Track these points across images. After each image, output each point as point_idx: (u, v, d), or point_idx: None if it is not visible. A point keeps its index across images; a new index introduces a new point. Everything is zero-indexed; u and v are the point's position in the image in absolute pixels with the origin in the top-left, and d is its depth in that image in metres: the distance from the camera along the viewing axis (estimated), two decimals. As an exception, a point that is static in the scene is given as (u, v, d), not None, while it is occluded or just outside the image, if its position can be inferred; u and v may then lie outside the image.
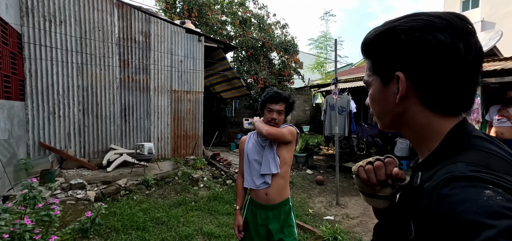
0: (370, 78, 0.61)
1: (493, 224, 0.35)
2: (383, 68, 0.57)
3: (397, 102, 0.56)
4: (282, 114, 1.77)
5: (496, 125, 4.05)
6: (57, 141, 5.18)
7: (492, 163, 0.44)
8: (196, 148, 6.88)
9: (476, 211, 0.37)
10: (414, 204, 0.50)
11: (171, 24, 6.48)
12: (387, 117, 0.60)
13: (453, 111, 0.54)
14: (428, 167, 0.53)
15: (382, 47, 0.56)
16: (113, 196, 4.08)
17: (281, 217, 1.76)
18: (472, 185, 0.40)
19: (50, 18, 5.02)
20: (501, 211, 0.36)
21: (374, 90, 0.60)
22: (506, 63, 4.61)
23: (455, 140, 0.52)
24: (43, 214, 2.30)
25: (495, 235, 0.34)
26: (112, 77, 5.76)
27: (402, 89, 0.54)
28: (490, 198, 0.38)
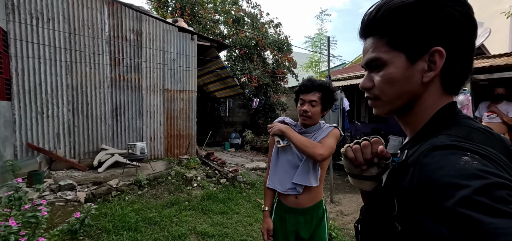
0: (387, 56, 0.53)
1: (468, 184, 0.35)
2: (415, 42, 0.51)
3: (425, 82, 0.52)
4: (316, 105, 1.47)
5: (486, 121, 4.12)
6: (45, 141, 5.04)
7: (473, 136, 0.45)
8: (190, 147, 6.81)
9: (453, 174, 0.37)
10: (398, 180, 0.50)
11: (163, 22, 6.39)
12: (401, 100, 0.54)
13: (457, 89, 0.54)
14: (414, 144, 0.52)
15: (416, 18, 0.50)
16: (104, 197, 3.99)
17: (314, 222, 1.52)
18: (451, 153, 0.41)
19: (37, 15, 4.88)
20: (476, 173, 0.36)
21: (396, 69, 0.52)
22: (494, 60, 4.70)
23: (442, 118, 0.52)
24: (29, 216, 2.23)
25: (470, 193, 0.34)
26: (102, 76, 5.64)
27: (439, 67, 0.50)
28: (466, 163, 0.38)
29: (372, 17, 0.55)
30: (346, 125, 6.37)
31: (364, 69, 0.60)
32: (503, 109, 4.01)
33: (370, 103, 0.60)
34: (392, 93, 0.54)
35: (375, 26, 0.55)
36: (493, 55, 5.50)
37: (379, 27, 0.54)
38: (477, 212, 0.33)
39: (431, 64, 0.50)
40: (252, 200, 4.35)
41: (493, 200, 0.33)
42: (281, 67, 10.55)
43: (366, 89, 0.58)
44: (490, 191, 0.34)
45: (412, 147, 0.52)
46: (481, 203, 0.33)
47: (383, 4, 0.53)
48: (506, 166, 0.40)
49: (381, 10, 0.53)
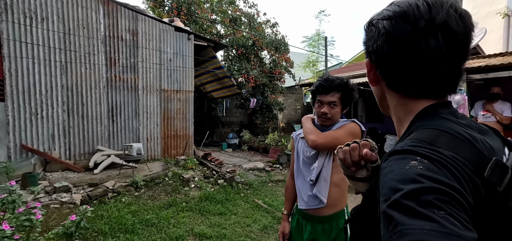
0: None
1: (402, 188, 0.38)
2: (366, 54, 0.61)
3: (374, 86, 0.62)
4: (336, 106, 1.38)
5: (482, 120, 4.16)
6: (40, 143, 4.97)
7: (439, 139, 0.45)
8: (187, 148, 6.77)
9: (396, 178, 0.40)
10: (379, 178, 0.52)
11: (159, 22, 6.35)
12: (378, 100, 0.64)
13: (424, 94, 0.54)
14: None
15: (365, 35, 0.60)
16: (100, 198, 3.95)
17: (332, 233, 1.36)
18: (403, 157, 0.43)
19: (31, 15, 4.81)
20: (414, 178, 0.38)
21: (368, 76, 0.62)
22: (490, 60, 4.74)
23: (418, 121, 0.52)
24: (23, 219, 2.18)
25: (399, 197, 0.37)
26: (98, 76, 5.58)
27: (372, 75, 0.60)
28: (411, 167, 0.40)
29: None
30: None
31: None
32: (498, 108, 4.05)
33: None
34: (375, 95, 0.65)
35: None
36: (488, 55, 5.55)
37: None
38: (400, 213, 0.36)
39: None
40: (250, 201, 4.33)
41: (417, 203, 0.35)
42: (278, 67, 10.54)
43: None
44: (418, 195, 0.36)
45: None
46: (405, 206, 0.36)
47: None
48: (461, 170, 0.40)
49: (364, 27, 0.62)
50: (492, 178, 0.41)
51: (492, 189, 0.41)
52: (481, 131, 0.50)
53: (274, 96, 10.45)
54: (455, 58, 0.50)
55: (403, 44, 0.49)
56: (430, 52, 0.48)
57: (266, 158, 7.33)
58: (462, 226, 0.34)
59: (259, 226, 3.42)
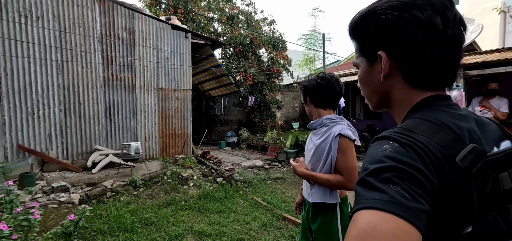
0: (358, 60, 0.63)
1: (368, 167, 0.44)
2: (368, 49, 0.59)
3: (381, 81, 0.58)
4: (308, 105, 1.58)
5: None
6: (37, 143, 4.93)
7: (419, 127, 0.49)
8: (185, 146, 6.75)
9: (368, 160, 0.46)
10: None
11: (156, 20, 6.30)
12: (375, 97, 0.63)
13: (432, 85, 0.56)
14: None
15: (366, 29, 0.58)
16: (99, 198, 3.93)
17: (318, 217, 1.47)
18: (379, 142, 0.48)
19: (26, 14, 4.76)
20: (380, 159, 0.44)
21: (362, 71, 0.63)
22: (486, 56, 4.78)
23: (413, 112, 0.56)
24: (21, 219, 2.17)
25: (365, 175, 0.43)
26: (95, 75, 5.54)
27: (385, 68, 0.57)
28: (382, 150, 0.45)
29: (350, 24, 0.62)
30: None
31: None
32: (495, 104, 4.07)
33: None
34: (366, 91, 0.64)
35: (351, 33, 0.63)
36: (485, 51, 5.59)
37: (352, 34, 0.63)
38: (362, 187, 0.42)
39: (381, 66, 0.57)
40: (249, 199, 4.34)
41: (376, 179, 0.41)
42: (276, 65, 10.53)
43: None
44: (379, 172, 0.42)
45: None
46: (367, 181, 0.42)
47: (356, 14, 0.61)
48: (430, 153, 0.44)
49: (353, 19, 0.61)
50: (463, 162, 0.44)
51: (464, 172, 0.44)
52: (478, 123, 0.53)
53: (272, 94, 10.45)
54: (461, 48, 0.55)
55: (434, 33, 0.51)
56: (451, 42, 0.52)
57: (264, 156, 7.34)
58: (412, 198, 0.39)
59: (258, 223, 3.42)
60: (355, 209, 0.41)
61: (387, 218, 0.37)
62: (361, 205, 0.40)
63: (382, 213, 0.37)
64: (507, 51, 4.82)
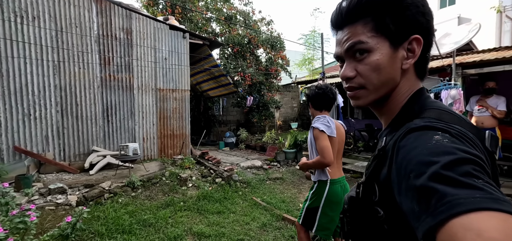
0: (372, 40, 0.53)
1: (438, 160, 0.38)
2: (398, 29, 0.52)
3: (404, 68, 0.54)
4: (310, 108, 2.10)
5: (477, 115, 4.20)
6: (33, 144, 4.88)
7: (444, 117, 0.48)
8: (184, 147, 6.72)
9: (426, 153, 0.40)
10: (378, 167, 0.53)
11: (154, 20, 6.27)
12: (385, 88, 0.56)
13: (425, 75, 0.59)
14: (392, 130, 0.55)
15: (401, 5, 0.52)
16: (97, 199, 3.89)
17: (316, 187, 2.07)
18: (424, 133, 0.44)
19: (22, 14, 4.71)
20: (446, 150, 0.39)
21: (382, 55, 0.53)
22: (484, 55, 4.80)
23: (415, 102, 0.55)
24: (17, 221, 2.14)
25: (439, 168, 0.37)
26: (92, 75, 5.49)
27: (417, 54, 0.54)
28: (437, 141, 0.41)
29: (357, 2, 0.54)
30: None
31: (340, 58, 0.60)
32: (493, 103, 4.09)
33: (351, 94, 0.59)
34: (378, 81, 0.54)
35: (362, 10, 0.54)
36: (483, 50, 5.62)
37: (366, 11, 0.53)
38: (444, 184, 0.35)
39: (408, 52, 0.54)
40: (249, 199, 4.32)
41: (458, 174, 0.36)
42: (274, 65, 10.52)
43: (348, 78, 0.57)
44: (456, 166, 0.37)
45: (391, 133, 0.54)
46: (447, 177, 0.36)
47: None
48: (475, 143, 0.44)
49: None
50: (492, 148, 0.46)
51: (492, 158, 0.46)
52: None
53: (271, 94, 10.43)
54: None
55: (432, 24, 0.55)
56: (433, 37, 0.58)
57: (263, 156, 7.32)
58: (497, 190, 0.35)
59: (258, 224, 3.41)
60: (458, 212, 0.32)
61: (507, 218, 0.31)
62: (463, 207, 0.32)
63: (502, 215, 0.31)
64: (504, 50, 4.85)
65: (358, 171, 5.76)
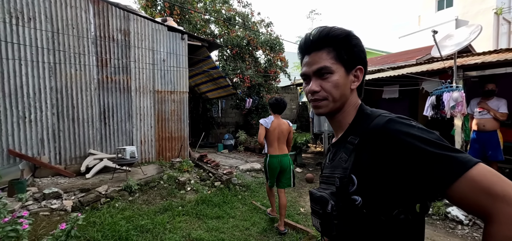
0: (334, 66, 0.73)
1: (433, 132, 0.61)
2: (350, 61, 0.74)
3: (352, 88, 0.77)
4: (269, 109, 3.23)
5: (478, 117, 4.17)
6: (28, 147, 4.78)
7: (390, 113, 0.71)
8: (182, 150, 6.64)
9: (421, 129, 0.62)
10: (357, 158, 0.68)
11: (152, 21, 6.20)
12: (340, 101, 0.76)
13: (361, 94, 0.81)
14: (354, 131, 0.73)
15: (349, 44, 0.74)
16: (93, 204, 3.80)
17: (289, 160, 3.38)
18: (405, 120, 0.65)
19: (17, 14, 4.62)
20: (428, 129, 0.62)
21: (340, 77, 0.74)
22: (485, 57, 4.77)
23: (363, 111, 0.76)
24: (9, 229, 2.05)
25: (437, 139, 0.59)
26: (89, 77, 5.41)
27: (360, 78, 0.77)
28: (417, 124, 0.63)
29: (324, 35, 0.74)
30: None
31: (306, 77, 0.79)
32: (494, 105, 4.06)
33: (315, 104, 0.77)
34: (337, 94, 0.74)
35: (326, 41, 0.74)
36: (483, 52, 5.60)
37: (329, 42, 0.74)
38: (451, 151, 0.57)
39: (355, 77, 0.77)
40: (248, 203, 4.24)
41: (448, 144, 0.59)
42: (273, 67, 10.48)
43: (314, 92, 0.75)
44: (442, 139, 0.60)
45: (354, 132, 0.73)
46: (447, 146, 0.58)
47: (330, 29, 0.74)
48: None
49: (330, 32, 0.74)
50: None
51: None
52: None
53: (270, 96, 10.37)
54: None
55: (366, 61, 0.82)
56: None
57: (262, 159, 7.25)
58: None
59: (258, 229, 3.34)
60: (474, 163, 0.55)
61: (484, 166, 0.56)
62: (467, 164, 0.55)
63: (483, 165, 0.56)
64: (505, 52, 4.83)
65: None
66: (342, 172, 0.69)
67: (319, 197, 0.73)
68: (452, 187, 0.54)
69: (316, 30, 0.76)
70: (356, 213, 0.66)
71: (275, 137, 3.22)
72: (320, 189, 0.77)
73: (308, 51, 0.77)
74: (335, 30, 0.74)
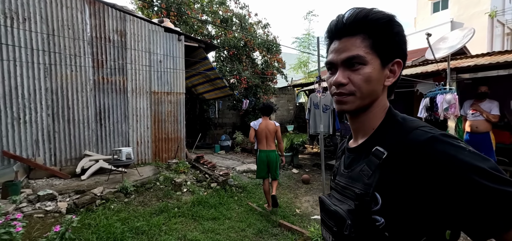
0: (368, 56, 0.61)
1: (488, 159, 0.51)
2: (388, 51, 0.62)
3: (385, 85, 0.64)
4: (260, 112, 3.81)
5: (471, 119, 4.23)
6: (23, 149, 4.74)
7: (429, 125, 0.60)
8: (179, 151, 6.63)
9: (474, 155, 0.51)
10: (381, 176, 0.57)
11: (148, 22, 6.19)
12: (370, 98, 0.64)
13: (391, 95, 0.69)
14: (381, 140, 0.61)
15: (392, 33, 0.62)
16: (88, 206, 3.78)
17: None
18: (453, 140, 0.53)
19: (12, 15, 4.59)
20: (482, 155, 0.51)
21: (374, 70, 0.62)
22: (478, 60, 4.84)
23: (395, 116, 0.64)
24: (2, 232, 2.04)
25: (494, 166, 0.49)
26: (85, 78, 5.38)
27: (398, 74, 0.65)
28: (468, 148, 0.52)
29: (362, 17, 0.61)
30: (336, 125, 6.39)
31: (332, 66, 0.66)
32: (486, 107, 4.12)
33: (339, 99, 0.65)
34: (367, 90, 0.62)
35: (363, 26, 0.61)
36: (476, 54, 5.68)
37: (365, 28, 0.61)
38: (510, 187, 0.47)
39: (391, 72, 0.64)
40: (244, 204, 4.25)
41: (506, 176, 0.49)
42: (270, 68, 10.51)
43: (340, 84, 0.63)
44: (499, 169, 0.50)
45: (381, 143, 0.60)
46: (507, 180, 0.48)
47: (369, 11, 0.62)
48: None
49: (370, 15, 0.61)
50: None
51: None
52: None
53: (267, 97, 10.40)
54: None
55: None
56: None
57: (259, 160, 7.26)
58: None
59: (253, 230, 3.35)
60: None
61: None
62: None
63: None
64: (497, 55, 4.90)
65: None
66: (364, 188, 0.59)
67: (333, 212, 0.64)
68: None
69: (351, 11, 0.63)
70: (376, 235, 0.57)
71: (263, 136, 3.87)
72: (334, 200, 0.69)
73: (338, 35, 0.64)
74: (375, 13, 0.61)
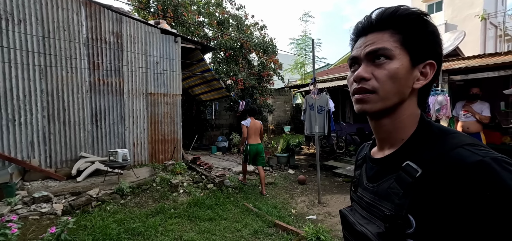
0: (396, 50, 0.55)
1: None
2: (420, 49, 0.56)
3: (414, 88, 0.57)
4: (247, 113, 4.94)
5: (462, 120, 4.32)
6: (18, 150, 4.72)
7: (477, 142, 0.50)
8: (175, 152, 6.64)
9: None
10: (415, 198, 0.50)
11: (145, 24, 6.20)
12: (394, 99, 0.56)
13: (422, 105, 0.61)
14: (414, 155, 0.54)
15: (427, 31, 0.56)
16: (84, 208, 3.78)
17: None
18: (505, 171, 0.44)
19: (6, 17, 4.57)
20: None
21: (402, 67, 0.55)
22: (469, 62, 4.94)
23: (431, 126, 0.56)
24: (-3, 234, 2.05)
25: None
26: (80, 80, 5.38)
27: (429, 77, 0.57)
28: None
29: (391, 12, 0.57)
30: (332, 126, 6.46)
31: (355, 61, 0.60)
32: (478, 108, 4.21)
33: (359, 97, 0.58)
34: (391, 89, 0.55)
35: (393, 21, 0.56)
36: (468, 56, 5.79)
37: (396, 23, 0.56)
38: None
39: (422, 74, 0.56)
40: (240, 205, 4.28)
41: None
42: (266, 69, 10.56)
43: (362, 79, 0.57)
44: None
45: (412, 159, 0.53)
46: None
47: (399, 7, 0.57)
48: None
49: (399, 10, 0.56)
50: None
51: None
52: None
53: (263, 98, 10.45)
54: None
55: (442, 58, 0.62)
56: None
57: (256, 161, 7.29)
58: None
59: (249, 231, 3.38)
60: None
61: None
62: None
63: None
64: (488, 57, 5.01)
65: (349, 176, 5.81)
66: (394, 210, 0.52)
67: (360, 234, 0.58)
68: None
69: (379, 9, 0.58)
70: None
71: (252, 132, 4.89)
72: (358, 217, 0.62)
73: (366, 31, 0.59)
74: (407, 9, 0.56)
